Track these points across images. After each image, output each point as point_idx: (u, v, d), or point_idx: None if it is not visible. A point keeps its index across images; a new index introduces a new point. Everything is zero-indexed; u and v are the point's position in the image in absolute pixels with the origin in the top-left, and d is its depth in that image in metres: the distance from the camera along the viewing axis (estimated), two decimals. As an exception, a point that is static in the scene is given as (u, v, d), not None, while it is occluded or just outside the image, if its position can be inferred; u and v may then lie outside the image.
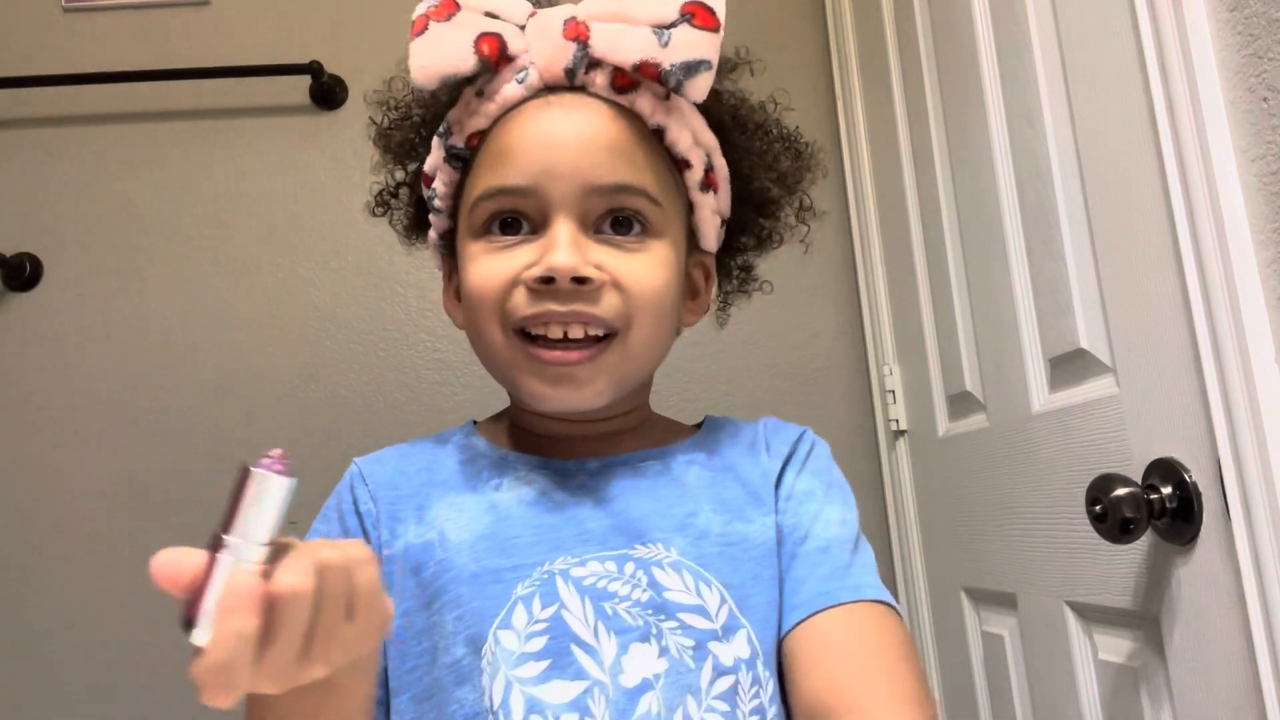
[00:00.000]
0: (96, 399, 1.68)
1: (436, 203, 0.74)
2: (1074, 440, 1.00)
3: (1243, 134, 0.75)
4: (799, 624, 0.66)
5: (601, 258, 0.66)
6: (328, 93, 1.75)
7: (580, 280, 0.64)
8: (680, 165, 0.72)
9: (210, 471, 1.66)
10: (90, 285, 1.71)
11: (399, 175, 0.82)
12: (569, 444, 0.74)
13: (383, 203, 0.85)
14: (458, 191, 0.73)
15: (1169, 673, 0.87)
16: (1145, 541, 0.88)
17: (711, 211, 0.75)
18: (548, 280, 0.64)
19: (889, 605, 0.67)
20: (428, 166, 0.74)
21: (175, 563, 0.42)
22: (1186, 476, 0.81)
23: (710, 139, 0.73)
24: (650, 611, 0.64)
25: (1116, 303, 0.92)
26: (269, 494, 0.41)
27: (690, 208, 0.74)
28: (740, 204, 0.78)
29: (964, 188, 1.27)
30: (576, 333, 0.65)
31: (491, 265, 0.67)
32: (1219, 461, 0.76)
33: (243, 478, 0.41)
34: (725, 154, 0.75)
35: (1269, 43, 0.72)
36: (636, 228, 0.68)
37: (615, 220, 0.67)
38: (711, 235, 0.76)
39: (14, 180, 1.72)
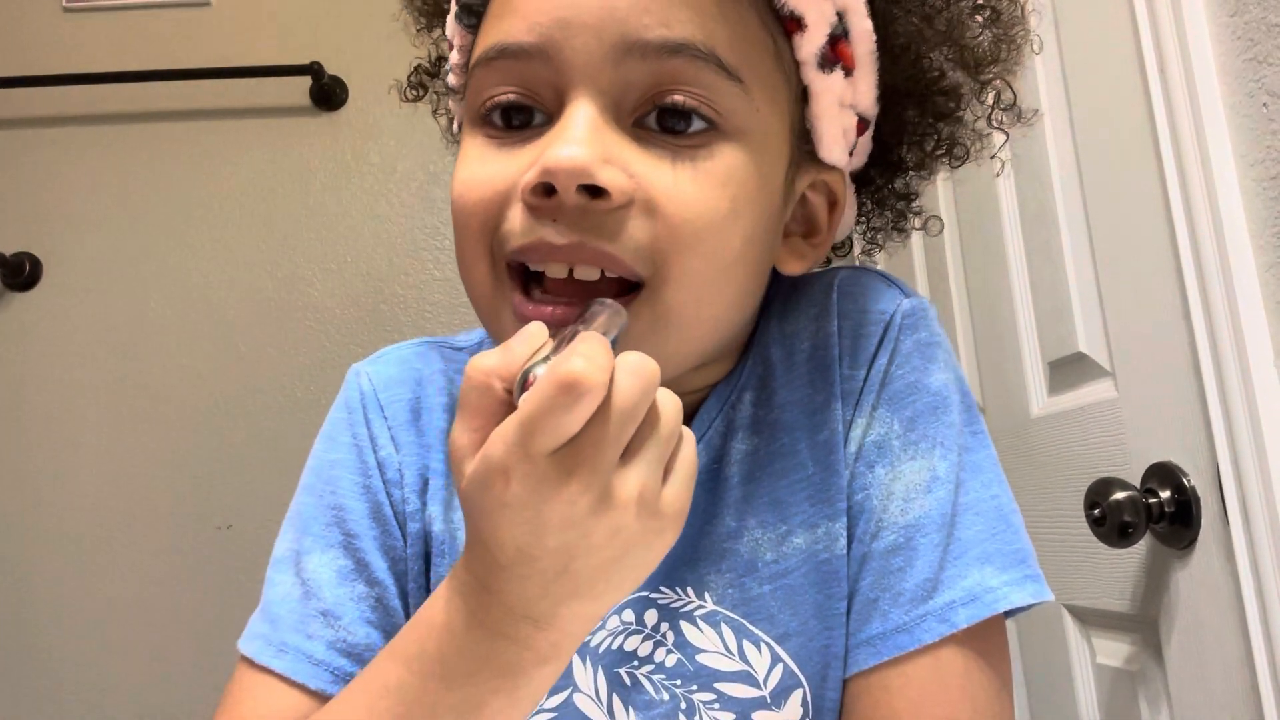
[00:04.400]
0: (95, 398, 1.68)
1: (451, 79, 0.53)
2: (1073, 444, 1.00)
3: (1242, 138, 0.75)
4: (862, 675, 0.48)
5: (635, 161, 0.43)
6: (328, 94, 1.76)
7: (593, 191, 0.42)
8: (788, 25, 0.47)
9: (208, 470, 1.66)
10: (90, 285, 1.71)
11: (445, 48, 0.59)
12: None
13: (418, 84, 0.62)
14: (469, 61, 0.51)
15: (1167, 677, 0.87)
16: (1144, 545, 0.88)
17: (839, 104, 0.50)
18: (546, 190, 0.42)
19: (989, 627, 0.47)
20: (448, 30, 0.53)
21: (529, 329, 0.36)
22: (1185, 481, 0.81)
23: None
24: (679, 682, 0.49)
25: (1116, 306, 0.92)
26: (607, 313, 0.40)
27: (804, 94, 0.50)
28: (897, 95, 0.53)
29: (963, 190, 1.27)
30: (588, 273, 0.44)
31: (481, 167, 0.46)
32: (1218, 466, 0.76)
33: (589, 303, 0.41)
34: (874, 13, 0.49)
35: (1268, 48, 0.72)
36: (698, 121, 0.44)
37: (666, 110, 0.44)
38: (838, 141, 0.51)
39: (14, 180, 1.72)
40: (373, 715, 0.40)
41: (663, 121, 0.45)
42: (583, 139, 0.42)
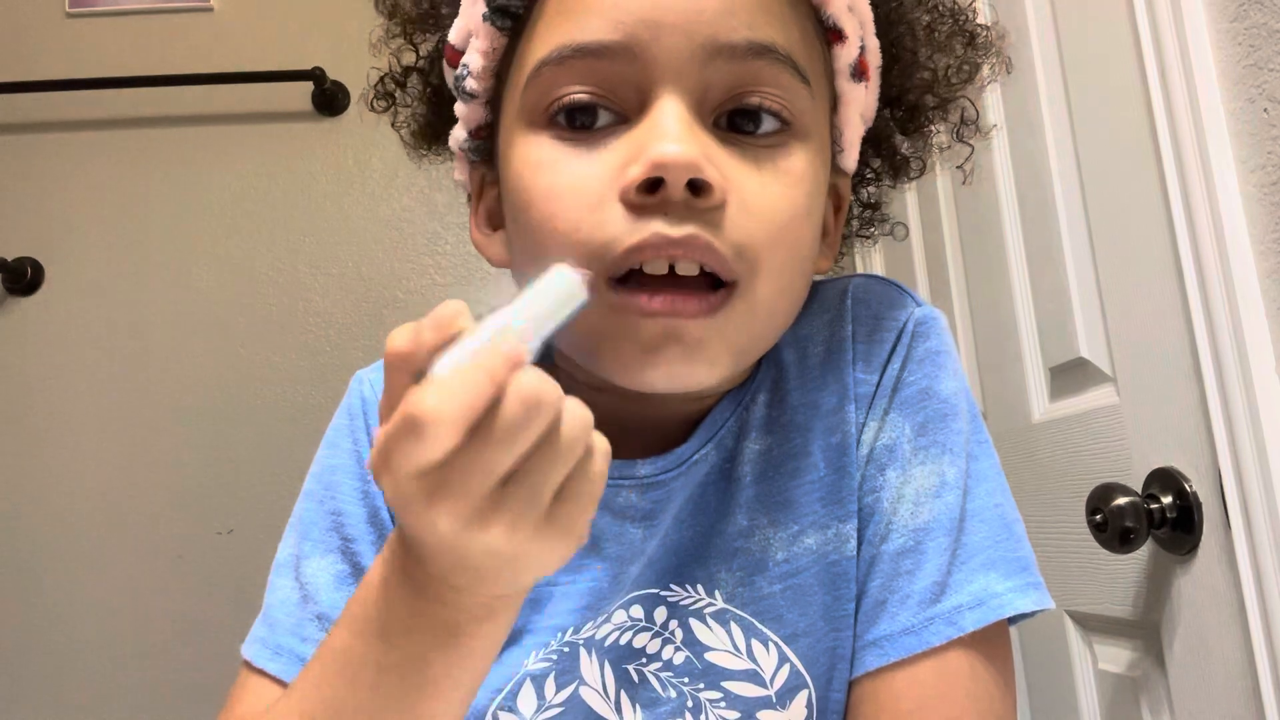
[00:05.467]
0: (96, 403, 1.68)
1: (470, 84, 0.51)
2: (1074, 449, 1.00)
3: (1243, 144, 0.75)
4: (869, 676, 0.48)
5: (724, 160, 0.44)
6: (330, 99, 1.76)
7: (696, 187, 0.42)
8: (831, 36, 0.50)
9: (209, 475, 1.66)
10: (91, 290, 1.71)
11: (408, 58, 0.59)
12: (619, 431, 0.47)
13: (385, 94, 0.61)
14: (502, 66, 0.51)
15: (1169, 683, 0.87)
16: (1145, 551, 0.87)
17: (859, 114, 0.53)
18: (653, 185, 0.42)
19: (993, 631, 0.48)
20: (455, 36, 0.52)
21: (442, 311, 0.33)
22: (1187, 486, 0.81)
23: (865, 7, 0.51)
24: (687, 680, 0.50)
25: (1117, 311, 0.92)
26: (555, 290, 0.36)
27: (834, 102, 0.52)
28: (880, 110, 0.56)
29: (964, 196, 1.27)
30: (688, 269, 0.44)
31: (565, 172, 0.45)
32: (1219, 471, 0.76)
33: (545, 271, 0.37)
34: (879, 34, 0.52)
35: (1269, 53, 0.72)
36: (771, 121, 0.46)
37: (739, 112, 0.46)
38: (854, 148, 0.54)
39: (16, 184, 1.73)
40: (322, 681, 0.40)
41: (733, 122, 0.46)
42: (683, 135, 0.42)
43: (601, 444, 0.35)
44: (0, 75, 1.70)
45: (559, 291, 0.37)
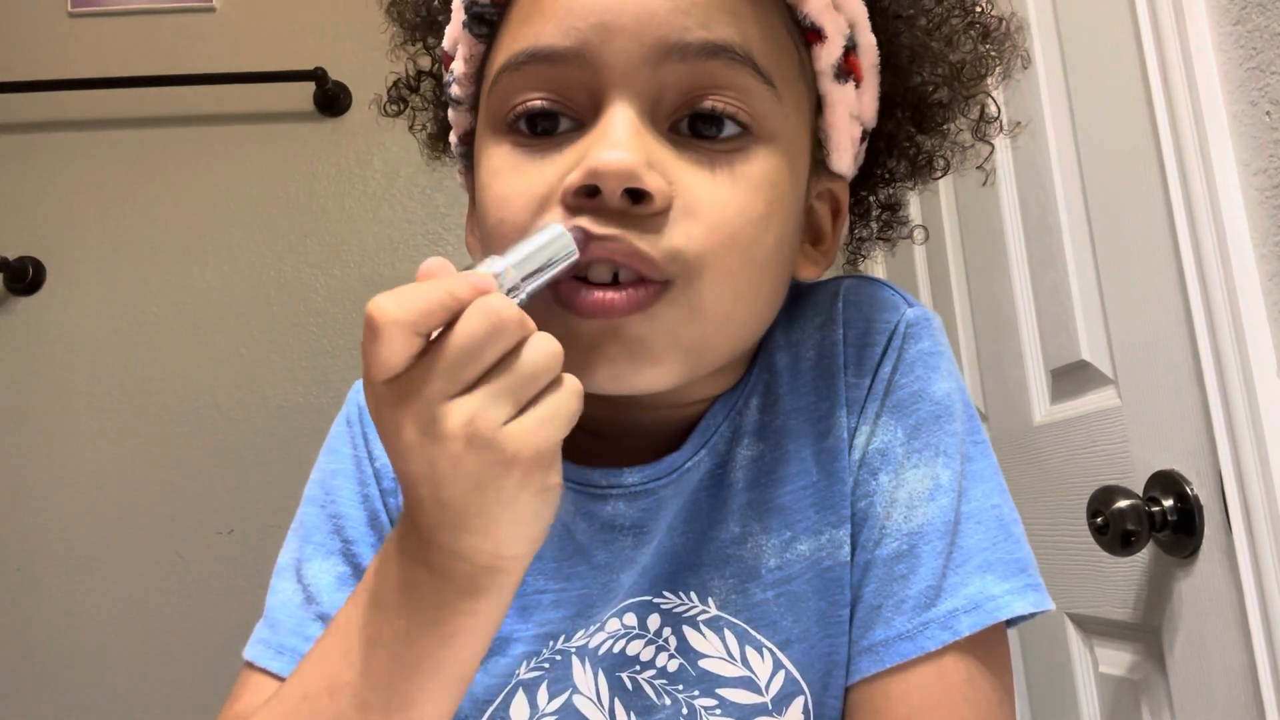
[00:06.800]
0: (98, 402, 1.68)
1: (454, 90, 0.53)
2: (1075, 452, 1.00)
3: (1245, 147, 0.75)
4: (865, 683, 0.48)
5: (674, 167, 0.44)
6: (332, 100, 1.76)
7: (635, 195, 0.42)
8: (809, 36, 0.49)
9: (210, 475, 1.67)
10: (93, 289, 1.71)
11: (424, 62, 0.60)
12: (608, 441, 0.52)
13: (398, 99, 0.62)
14: (481, 71, 0.52)
15: (1170, 686, 0.86)
16: (1146, 554, 0.87)
17: (850, 115, 0.51)
18: (590, 192, 0.42)
19: (991, 635, 0.47)
20: (447, 42, 0.53)
21: (426, 267, 0.37)
22: (1188, 489, 0.81)
23: (856, 3, 0.49)
24: (681, 687, 0.50)
25: (1118, 314, 0.92)
26: (542, 242, 0.40)
27: (818, 105, 0.51)
28: (890, 109, 0.54)
29: (966, 198, 1.27)
30: (625, 275, 0.44)
31: (518, 179, 0.46)
32: (1220, 474, 0.76)
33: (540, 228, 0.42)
34: (876, 30, 0.51)
35: (1271, 56, 0.72)
36: (731, 126, 0.45)
37: (699, 116, 0.45)
38: (847, 151, 0.52)
39: (18, 184, 1.73)
40: (323, 656, 0.41)
41: (695, 127, 0.45)
42: (626, 142, 0.42)
43: (573, 382, 0.38)
44: (2, 75, 1.70)
45: (546, 244, 0.40)
